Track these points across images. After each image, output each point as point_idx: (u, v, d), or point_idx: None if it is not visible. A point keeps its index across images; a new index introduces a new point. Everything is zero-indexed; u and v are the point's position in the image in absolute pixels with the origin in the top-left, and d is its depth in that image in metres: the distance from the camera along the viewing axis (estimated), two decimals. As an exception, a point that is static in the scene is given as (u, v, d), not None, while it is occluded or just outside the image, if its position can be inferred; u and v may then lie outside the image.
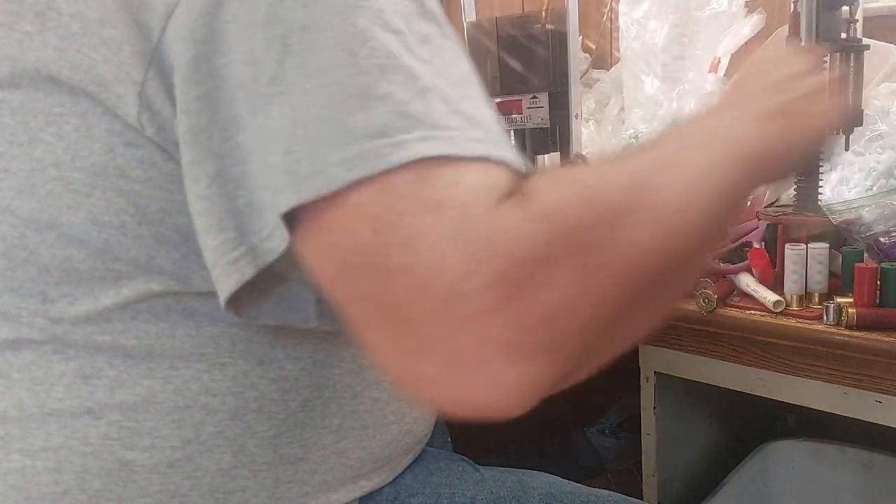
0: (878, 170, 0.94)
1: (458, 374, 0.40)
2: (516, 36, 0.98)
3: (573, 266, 0.41)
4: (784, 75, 0.61)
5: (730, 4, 1.26)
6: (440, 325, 0.40)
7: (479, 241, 0.40)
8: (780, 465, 1.05)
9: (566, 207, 0.42)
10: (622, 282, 0.44)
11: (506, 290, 0.39)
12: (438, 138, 0.43)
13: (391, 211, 0.41)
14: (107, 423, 0.54)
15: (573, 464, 1.59)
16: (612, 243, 0.43)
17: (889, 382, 0.73)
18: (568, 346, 0.42)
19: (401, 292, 0.40)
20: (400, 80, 0.44)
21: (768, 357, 0.81)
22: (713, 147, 0.50)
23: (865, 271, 0.74)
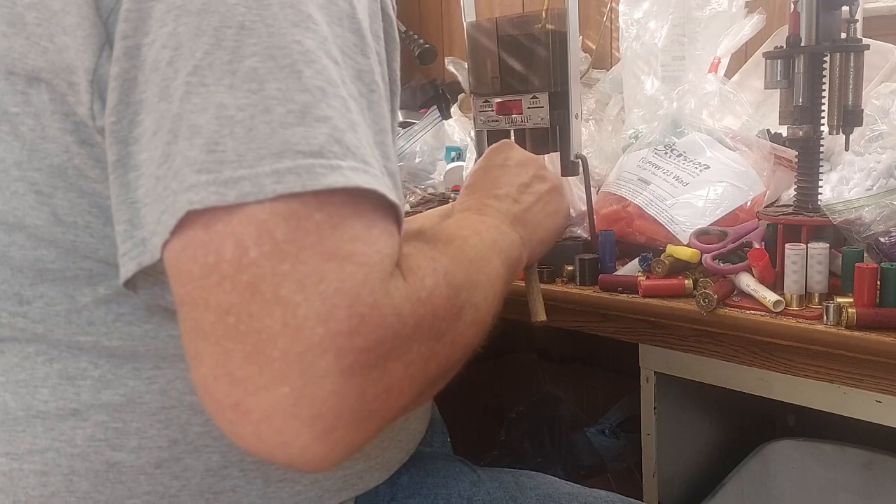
0: (878, 170, 0.94)
1: (294, 420, 0.40)
2: (516, 36, 0.98)
3: (422, 350, 0.45)
4: (515, 186, 0.71)
5: (730, 4, 1.26)
6: (299, 367, 0.40)
7: (369, 305, 0.41)
8: (780, 465, 1.05)
9: (436, 297, 0.46)
10: (446, 366, 0.49)
11: (371, 358, 0.41)
12: (367, 172, 0.44)
13: (297, 244, 0.41)
14: (93, 425, 0.54)
15: (573, 464, 1.59)
16: (452, 335, 0.48)
17: (889, 382, 0.73)
18: (390, 417, 0.45)
19: (269, 322, 0.40)
20: (338, 108, 0.44)
21: (768, 357, 0.81)
22: (496, 256, 0.59)
23: (865, 271, 0.74)
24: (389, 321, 0.42)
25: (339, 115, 0.44)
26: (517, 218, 0.69)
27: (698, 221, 0.96)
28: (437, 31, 2.03)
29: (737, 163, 1.01)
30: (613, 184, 1.08)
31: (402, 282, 0.44)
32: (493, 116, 1.01)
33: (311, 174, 0.42)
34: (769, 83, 0.84)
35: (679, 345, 0.88)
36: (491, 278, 0.56)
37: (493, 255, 0.59)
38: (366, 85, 0.48)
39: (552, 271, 0.97)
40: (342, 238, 0.42)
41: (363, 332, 0.41)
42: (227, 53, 0.43)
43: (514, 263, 0.64)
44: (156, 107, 0.43)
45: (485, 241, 0.60)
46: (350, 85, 0.46)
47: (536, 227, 0.71)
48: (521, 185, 0.72)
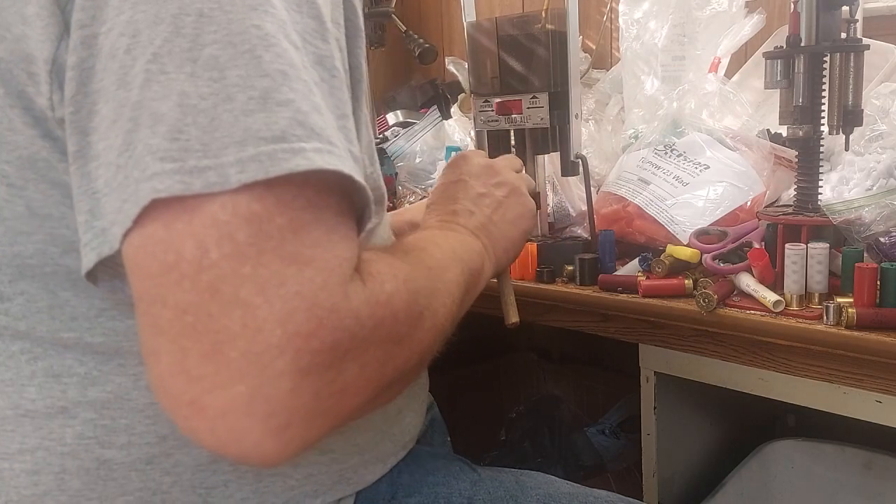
0: (878, 170, 0.94)
1: (249, 418, 0.41)
2: (516, 36, 0.98)
3: (379, 352, 0.46)
4: (472, 198, 0.72)
5: (730, 4, 1.26)
6: (256, 367, 0.41)
7: (327, 309, 0.42)
8: (780, 465, 1.05)
9: (396, 301, 0.47)
10: (404, 369, 0.50)
11: (328, 359, 0.42)
12: (332, 153, 0.44)
13: (258, 247, 0.42)
14: (81, 422, 0.54)
15: (573, 464, 1.59)
16: (411, 339, 0.49)
17: (889, 382, 0.73)
18: (344, 416, 0.46)
19: (228, 323, 0.41)
20: (300, 90, 0.44)
21: (768, 357, 0.81)
22: (455, 265, 0.60)
23: (865, 271, 0.74)
24: (347, 324, 0.43)
25: (301, 97, 0.44)
26: (478, 229, 0.70)
27: (698, 221, 0.96)
28: (437, 31, 2.03)
29: (737, 163, 1.01)
30: (613, 184, 1.08)
31: (361, 286, 0.45)
32: (493, 116, 1.01)
33: (273, 160, 0.42)
34: (769, 83, 0.84)
35: (679, 345, 0.88)
36: (450, 286, 0.57)
37: (453, 263, 0.60)
38: (326, 70, 0.48)
39: (552, 271, 0.97)
40: (303, 243, 0.43)
41: (321, 334, 0.42)
42: (186, 41, 0.43)
43: (475, 272, 0.65)
44: (114, 95, 0.43)
45: (444, 251, 0.61)
46: (311, 70, 0.46)
47: (500, 235, 0.72)
48: (478, 196, 0.73)
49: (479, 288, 0.67)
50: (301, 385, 0.41)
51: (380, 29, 1.51)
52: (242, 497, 0.58)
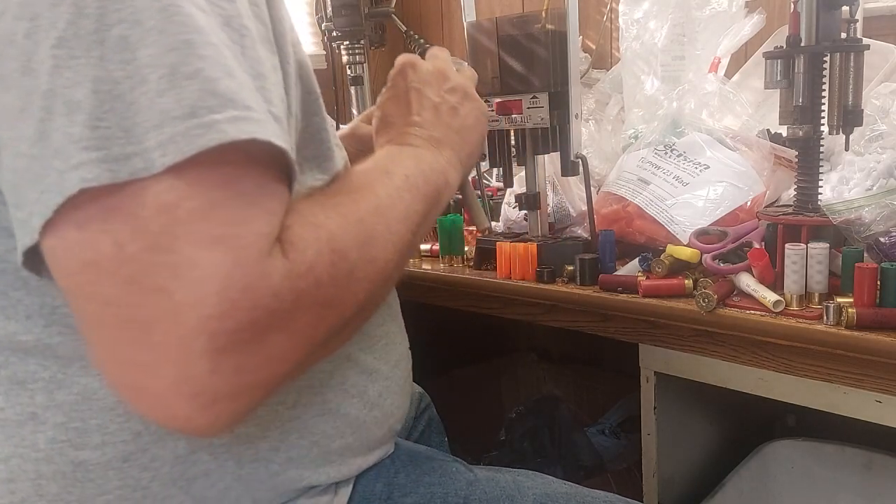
0: (878, 170, 0.94)
1: (178, 397, 0.43)
2: (516, 36, 0.98)
3: (307, 318, 0.47)
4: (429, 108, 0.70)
5: (730, 4, 1.26)
6: (177, 350, 0.42)
7: (241, 289, 0.43)
8: (780, 465, 1.05)
9: (319, 267, 0.47)
10: (339, 326, 0.50)
11: (246, 336, 0.43)
12: (248, 119, 0.44)
13: (171, 234, 0.42)
14: (52, 427, 0.53)
15: (573, 464, 1.59)
16: (342, 298, 0.49)
17: (889, 382, 0.73)
18: (272, 386, 0.47)
19: (149, 310, 0.42)
20: (209, 56, 0.43)
21: (768, 357, 0.81)
22: (408, 192, 0.59)
23: (865, 271, 0.74)
24: (264, 302, 0.43)
25: (211, 63, 0.43)
26: (440, 141, 0.68)
27: (698, 221, 0.96)
28: (438, 31, 2.03)
29: (737, 163, 1.01)
30: (613, 184, 1.08)
31: (280, 260, 0.45)
32: (493, 116, 1.01)
33: (188, 138, 0.42)
34: (769, 83, 0.84)
35: (679, 345, 0.88)
36: (399, 219, 0.56)
37: (404, 193, 0.59)
38: (235, 30, 0.47)
39: (552, 271, 0.97)
40: (216, 223, 0.43)
41: (235, 314, 0.42)
42: (91, 22, 0.42)
43: (438, 189, 0.64)
44: (18, 82, 0.43)
45: (393, 182, 0.59)
46: (219, 32, 0.45)
47: (461, 142, 0.71)
48: (435, 104, 0.71)
49: (443, 202, 0.66)
50: (221, 364, 0.43)
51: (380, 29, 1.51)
52: (225, 486, 0.57)
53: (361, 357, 0.66)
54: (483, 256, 1.07)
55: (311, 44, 2.15)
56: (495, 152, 1.05)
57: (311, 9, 2.10)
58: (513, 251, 1.00)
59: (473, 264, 1.08)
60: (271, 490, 0.60)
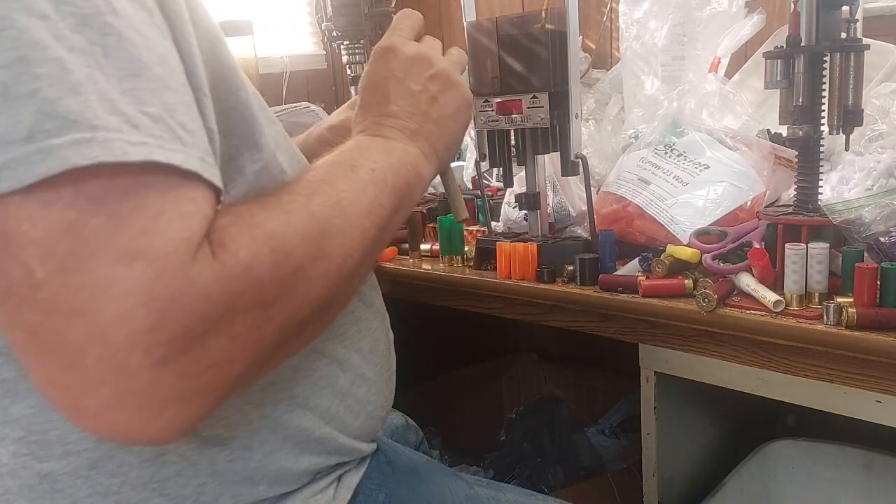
0: (878, 170, 0.94)
1: (123, 412, 0.42)
2: (516, 36, 0.98)
3: (250, 319, 0.45)
4: (407, 97, 0.67)
5: (730, 4, 1.26)
6: (113, 369, 0.41)
7: (167, 299, 0.41)
8: (780, 465, 1.05)
9: (255, 266, 0.45)
10: (294, 325, 0.48)
11: (184, 344, 0.42)
12: (93, 142, 0.41)
13: (80, 254, 0.40)
14: (12, 441, 0.53)
15: (573, 464, 1.59)
16: (289, 298, 0.47)
17: (889, 382, 0.73)
18: (225, 389, 0.45)
19: (75, 334, 0.41)
20: (47, 74, 0.40)
21: (768, 357, 0.81)
22: (373, 186, 0.56)
23: (865, 271, 0.74)
24: (195, 307, 0.42)
25: (49, 82, 0.40)
26: (416, 132, 0.66)
27: (698, 221, 0.96)
28: (438, 31, 2.03)
29: (737, 163, 1.01)
30: (613, 184, 1.08)
31: (208, 262, 0.43)
32: (493, 116, 1.01)
33: (28, 164, 0.39)
34: (769, 83, 0.84)
35: (679, 345, 0.88)
36: (362, 213, 0.54)
37: (370, 186, 0.57)
38: (95, 30, 0.43)
39: (552, 271, 0.97)
40: (126, 236, 0.41)
41: (166, 325, 0.41)
42: None
43: (409, 181, 0.62)
44: None
45: (359, 176, 0.57)
46: (71, 37, 0.42)
47: (439, 133, 0.68)
48: (413, 94, 0.68)
49: (416, 195, 0.64)
50: (161, 375, 0.42)
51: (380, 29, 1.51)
52: (200, 483, 0.56)
53: (329, 347, 0.64)
54: (483, 256, 1.07)
55: (312, 44, 2.15)
56: (495, 152, 1.05)
57: (312, 9, 2.10)
58: (513, 251, 1.00)
59: (473, 264, 1.08)
60: (248, 481, 0.59)
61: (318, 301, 0.50)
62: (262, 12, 1.99)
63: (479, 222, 1.23)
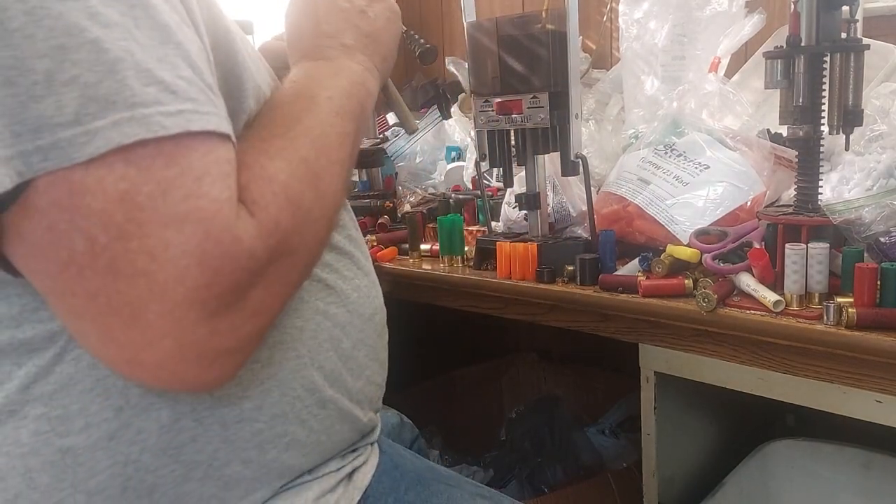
0: (878, 170, 0.94)
1: (183, 362, 0.47)
2: (516, 36, 0.98)
3: (281, 269, 0.50)
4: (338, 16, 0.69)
5: (730, 4, 1.26)
6: (173, 323, 0.45)
7: (219, 257, 0.45)
8: (780, 465, 1.05)
9: (283, 221, 0.50)
10: (307, 267, 0.54)
11: (233, 297, 0.46)
12: (132, 121, 0.44)
13: (137, 220, 0.44)
14: (33, 419, 0.54)
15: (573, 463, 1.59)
16: (306, 242, 0.52)
17: (889, 382, 0.73)
18: (263, 334, 0.51)
19: (136, 293, 0.44)
20: (86, 59, 0.43)
21: (768, 357, 0.81)
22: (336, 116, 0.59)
23: (865, 271, 0.74)
24: (243, 263, 0.46)
25: (89, 65, 0.43)
26: (352, 48, 0.68)
27: (698, 221, 0.96)
28: (438, 31, 2.03)
29: (737, 163, 1.01)
30: (613, 184, 1.08)
31: (249, 220, 0.47)
32: (493, 116, 1.01)
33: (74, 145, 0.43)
34: (769, 83, 0.84)
35: (679, 345, 0.88)
36: (335, 146, 0.58)
37: (334, 118, 0.59)
38: (123, 2, 0.46)
39: (552, 271, 0.97)
40: (175, 201, 0.44)
41: (219, 281, 0.45)
42: None
43: (362, 101, 0.65)
44: None
45: (320, 107, 0.60)
46: (104, 12, 0.45)
47: (376, 46, 0.70)
48: (344, 9, 0.69)
49: (369, 112, 0.67)
50: (217, 326, 0.46)
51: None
52: (213, 449, 0.58)
53: (332, 310, 0.66)
54: (483, 256, 1.07)
55: (312, 44, 2.15)
56: (495, 152, 1.05)
57: (312, 9, 2.10)
58: (513, 251, 1.00)
59: (473, 264, 1.08)
60: (257, 448, 0.60)
61: (323, 239, 0.55)
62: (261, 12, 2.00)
63: (479, 222, 1.23)
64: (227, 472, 0.58)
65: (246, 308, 0.48)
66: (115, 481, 0.55)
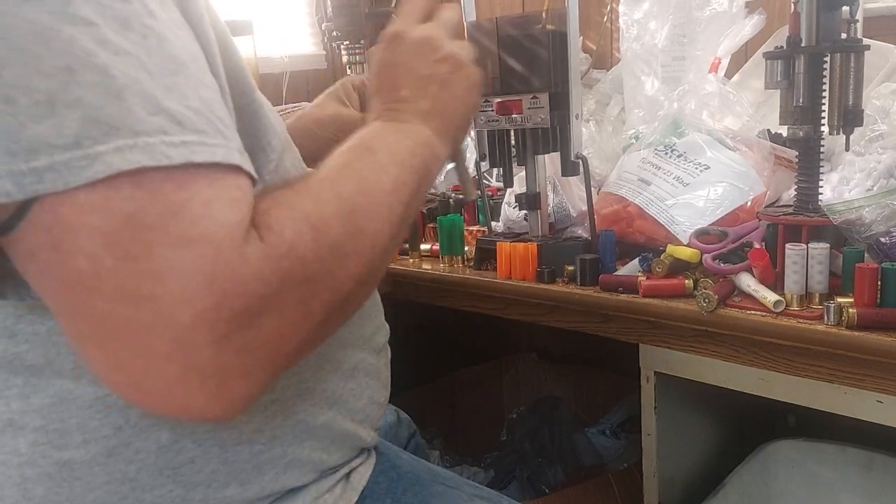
0: (878, 170, 0.94)
1: (188, 388, 0.45)
2: (516, 36, 0.98)
3: (297, 296, 0.47)
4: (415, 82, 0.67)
5: (730, 4, 1.26)
6: (179, 347, 0.43)
7: (228, 279, 0.44)
8: (780, 465, 1.05)
9: (298, 246, 0.47)
10: (336, 301, 0.50)
11: (242, 321, 0.44)
12: (135, 148, 0.43)
13: (145, 241, 0.42)
14: (32, 430, 0.53)
15: (573, 464, 1.59)
16: (330, 274, 0.50)
17: (889, 382, 0.73)
18: (278, 364, 0.48)
19: (143, 318, 0.43)
20: (91, 82, 0.42)
21: (768, 357, 0.81)
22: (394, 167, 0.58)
23: (866, 271, 0.74)
24: (252, 287, 0.45)
25: (94, 89, 0.42)
26: (427, 113, 0.66)
27: (698, 221, 0.96)
28: (438, 31, 2.03)
29: (737, 163, 1.01)
30: (614, 184, 1.08)
31: (258, 244, 0.46)
32: (493, 116, 1.01)
33: (72, 169, 0.41)
34: (769, 83, 0.84)
35: (679, 345, 0.88)
36: (387, 192, 0.56)
37: (391, 167, 0.58)
38: (136, 32, 0.45)
39: (553, 271, 0.97)
40: (184, 223, 0.43)
41: (228, 303, 0.44)
42: None
43: (426, 161, 0.63)
44: None
45: (377, 157, 0.58)
46: (115, 40, 0.44)
47: (451, 114, 0.69)
48: (423, 78, 0.68)
49: (433, 174, 0.65)
50: (223, 350, 0.44)
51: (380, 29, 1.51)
52: (212, 470, 0.58)
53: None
54: (483, 256, 1.07)
55: (311, 44, 2.15)
56: (495, 152, 1.05)
57: (311, 9, 2.10)
58: (513, 251, 1.00)
59: (473, 264, 1.08)
60: (255, 469, 0.60)
61: (356, 277, 0.52)
62: (262, 12, 2.00)
63: (479, 222, 1.23)
64: (225, 493, 0.58)
65: (258, 334, 0.46)
66: (111, 498, 0.55)
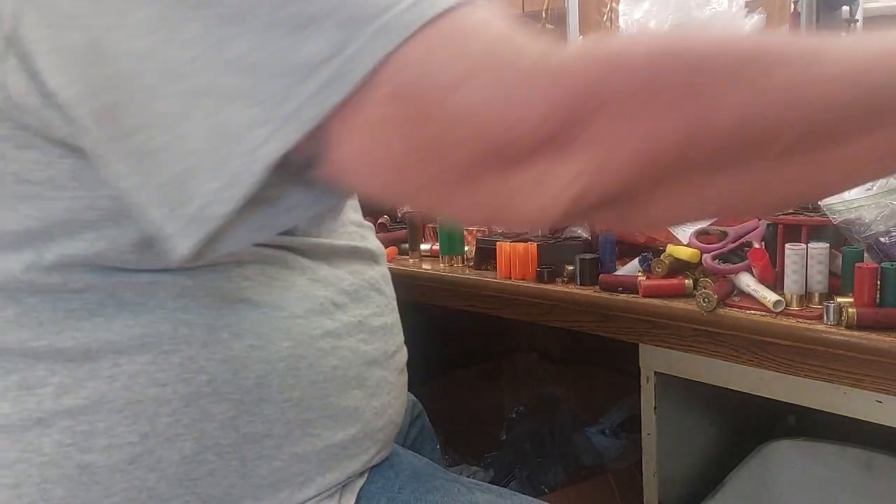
0: (878, 170, 0.94)
1: (527, 196, 0.43)
2: (516, 36, 0.98)
3: (628, 104, 0.41)
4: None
5: (730, 4, 1.26)
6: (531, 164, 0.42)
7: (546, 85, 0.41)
8: (780, 465, 1.05)
9: (628, 52, 0.42)
10: (694, 130, 0.41)
11: (581, 118, 0.41)
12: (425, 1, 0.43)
13: (455, 74, 0.42)
14: (59, 431, 0.53)
15: (573, 464, 1.59)
16: (689, 95, 0.40)
17: (889, 382, 0.73)
18: (620, 171, 0.42)
19: (487, 142, 0.42)
20: None
21: (768, 357, 0.81)
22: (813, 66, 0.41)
23: (865, 271, 0.74)
24: (575, 88, 0.41)
25: None
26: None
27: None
28: (438, 31, 2.03)
29: (737, 163, 1.01)
30: (613, 184, 1.07)
31: (558, 53, 0.43)
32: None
33: (409, 18, 0.42)
34: (769, 83, 0.84)
35: (679, 345, 0.88)
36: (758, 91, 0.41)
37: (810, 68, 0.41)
38: None
39: (552, 271, 0.97)
40: (511, 54, 0.42)
41: (567, 105, 0.41)
42: (208, 11, 0.41)
43: None
44: (166, 89, 0.43)
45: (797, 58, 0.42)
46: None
47: None
48: None
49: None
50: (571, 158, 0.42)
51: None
52: (230, 484, 0.57)
53: (362, 348, 0.66)
54: (483, 256, 1.07)
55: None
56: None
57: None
58: (513, 251, 1.00)
59: (473, 264, 1.08)
60: (271, 486, 0.60)
61: (733, 118, 0.40)
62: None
63: (479, 222, 1.23)
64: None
65: (588, 137, 0.41)
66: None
